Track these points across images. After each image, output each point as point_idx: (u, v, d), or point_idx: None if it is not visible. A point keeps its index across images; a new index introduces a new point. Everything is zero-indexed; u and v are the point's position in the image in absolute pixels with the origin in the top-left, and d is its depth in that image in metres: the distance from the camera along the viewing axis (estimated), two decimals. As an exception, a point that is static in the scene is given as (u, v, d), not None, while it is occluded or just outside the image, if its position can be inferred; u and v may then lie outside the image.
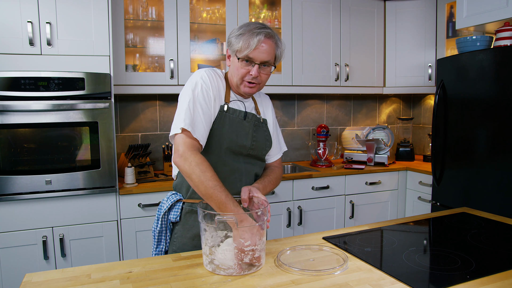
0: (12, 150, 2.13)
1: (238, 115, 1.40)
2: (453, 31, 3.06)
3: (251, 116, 1.43)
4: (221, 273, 1.13)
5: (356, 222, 3.03)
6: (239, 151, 1.41)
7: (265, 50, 1.32)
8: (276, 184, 1.52)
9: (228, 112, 1.38)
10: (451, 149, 2.61)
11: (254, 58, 1.32)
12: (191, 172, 1.22)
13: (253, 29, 1.32)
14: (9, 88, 2.09)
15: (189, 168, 1.22)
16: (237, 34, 1.33)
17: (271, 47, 1.33)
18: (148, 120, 2.99)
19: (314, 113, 3.56)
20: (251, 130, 1.43)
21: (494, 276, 1.10)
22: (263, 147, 1.48)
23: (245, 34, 1.31)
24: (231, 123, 1.38)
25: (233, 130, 1.38)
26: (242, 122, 1.40)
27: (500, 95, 2.26)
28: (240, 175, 1.42)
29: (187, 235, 1.43)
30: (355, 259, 1.24)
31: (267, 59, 1.34)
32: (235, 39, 1.33)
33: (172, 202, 1.44)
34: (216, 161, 1.37)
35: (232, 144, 1.38)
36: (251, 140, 1.42)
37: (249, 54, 1.32)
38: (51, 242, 2.24)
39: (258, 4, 3.10)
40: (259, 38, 1.30)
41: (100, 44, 2.28)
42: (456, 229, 1.55)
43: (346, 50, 3.22)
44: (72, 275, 1.12)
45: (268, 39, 1.32)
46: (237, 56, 1.34)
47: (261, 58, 1.33)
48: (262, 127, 1.49)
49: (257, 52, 1.31)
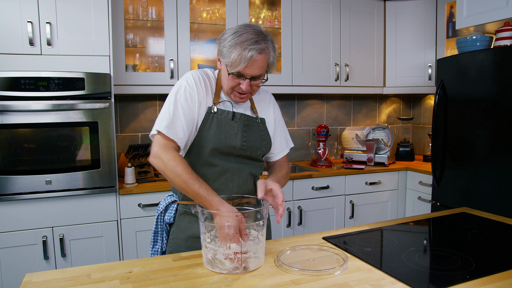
0: (12, 150, 2.13)
1: (226, 116, 1.38)
2: (453, 31, 3.06)
3: (239, 116, 1.40)
4: (216, 270, 1.13)
5: (356, 222, 3.03)
6: (229, 152, 1.39)
7: (257, 66, 1.26)
8: (287, 180, 1.52)
9: (217, 113, 1.37)
10: (451, 149, 2.61)
11: (245, 74, 1.28)
12: (164, 168, 1.25)
13: (245, 44, 1.23)
14: (9, 88, 2.09)
15: (162, 165, 1.25)
16: (229, 45, 1.25)
17: (263, 61, 1.27)
18: (148, 120, 2.99)
19: (314, 113, 3.56)
20: (241, 130, 1.40)
21: (494, 276, 1.10)
22: (258, 147, 1.45)
23: (237, 48, 1.23)
24: (219, 124, 1.37)
25: (221, 131, 1.37)
26: (230, 122, 1.38)
27: (500, 95, 2.26)
28: (232, 176, 1.41)
29: (181, 237, 1.43)
30: (355, 259, 1.24)
31: (259, 73, 1.29)
32: (226, 51, 1.26)
33: (167, 203, 1.45)
34: (204, 162, 1.37)
35: (220, 145, 1.37)
36: (241, 140, 1.40)
37: (241, 71, 1.26)
38: (51, 242, 2.24)
39: (258, 4, 3.10)
40: (251, 55, 1.23)
41: (100, 44, 2.28)
42: (456, 229, 1.55)
43: (346, 50, 3.22)
44: (72, 275, 1.12)
45: (261, 54, 1.25)
46: (228, 70, 1.29)
47: (253, 73, 1.28)
48: (257, 126, 1.46)
49: (248, 69, 1.26)
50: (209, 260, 1.16)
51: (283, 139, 1.59)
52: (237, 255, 1.13)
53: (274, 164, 1.59)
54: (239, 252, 1.13)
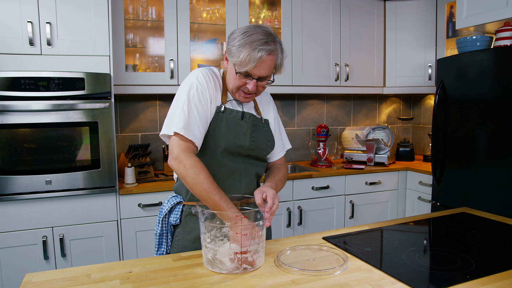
0: (12, 150, 2.13)
1: (235, 115, 1.38)
2: (453, 31, 3.06)
3: (248, 115, 1.41)
4: (216, 270, 1.13)
5: (356, 222, 3.03)
6: (238, 152, 1.40)
7: (266, 66, 1.27)
8: (284, 183, 1.52)
9: (225, 113, 1.37)
10: (451, 149, 2.61)
11: (253, 74, 1.28)
12: (185, 174, 1.24)
13: (255, 44, 1.23)
14: (9, 88, 2.09)
15: (184, 170, 1.24)
16: (238, 44, 1.25)
17: (272, 62, 1.28)
18: (148, 120, 2.99)
19: (314, 113, 3.56)
20: (249, 130, 1.41)
21: (494, 276, 1.10)
22: (264, 147, 1.46)
23: (246, 48, 1.23)
24: (228, 124, 1.37)
25: (230, 131, 1.37)
26: (239, 122, 1.39)
27: (500, 95, 2.26)
28: (240, 176, 1.41)
29: (188, 238, 1.42)
30: (355, 259, 1.24)
31: (266, 74, 1.30)
32: (236, 50, 1.26)
33: (172, 204, 1.43)
34: (213, 163, 1.37)
35: (229, 145, 1.37)
36: (249, 140, 1.40)
37: (249, 70, 1.27)
38: (51, 242, 2.24)
39: (258, 4, 3.10)
40: (260, 55, 1.23)
41: (100, 44, 2.28)
42: (456, 229, 1.55)
43: (346, 50, 3.22)
44: (72, 275, 1.12)
45: (270, 55, 1.25)
46: (235, 69, 1.29)
47: (260, 74, 1.28)
48: (263, 127, 1.47)
49: (256, 70, 1.27)
50: (209, 260, 1.16)
51: (280, 141, 1.59)
52: (237, 255, 1.13)
53: (272, 166, 1.58)
54: (239, 252, 1.13)
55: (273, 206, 1.24)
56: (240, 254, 1.13)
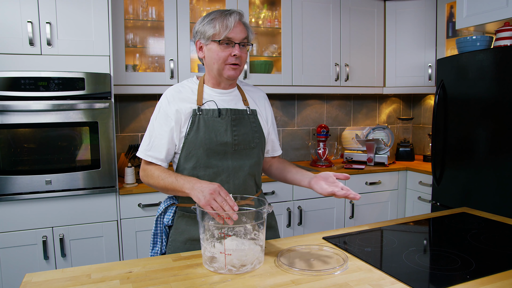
0: (12, 150, 2.13)
1: (212, 114, 1.40)
2: (453, 31, 3.06)
3: (225, 111, 1.41)
4: (210, 269, 1.14)
5: (356, 222, 3.03)
6: (224, 150, 1.39)
7: (241, 29, 1.37)
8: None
9: (202, 113, 1.39)
10: (451, 149, 2.61)
11: (233, 38, 1.35)
12: (148, 181, 1.40)
13: (222, 14, 1.35)
14: (9, 88, 2.09)
15: (146, 180, 1.40)
16: (208, 20, 1.36)
17: (243, 25, 1.38)
18: (148, 120, 2.97)
19: (314, 113, 3.56)
20: (230, 125, 1.40)
21: (494, 276, 1.10)
22: (250, 139, 1.44)
23: (218, 18, 1.34)
24: (207, 124, 1.38)
25: (210, 130, 1.38)
26: (217, 119, 1.39)
27: (500, 95, 2.26)
28: (227, 177, 1.40)
29: (180, 239, 1.43)
30: (355, 259, 1.24)
31: (244, 36, 1.37)
32: (207, 26, 1.35)
33: (166, 205, 1.46)
34: (197, 165, 1.38)
35: (212, 144, 1.37)
36: (231, 135, 1.40)
37: (228, 35, 1.34)
38: (51, 242, 2.24)
39: (258, 4, 3.10)
40: (234, 17, 1.34)
41: (100, 44, 2.28)
42: (456, 229, 1.55)
43: (346, 50, 3.22)
44: (72, 275, 1.12)
45: (238, 16, 1.37)
46: (216, 39, 1.35)
47: (240, 37, 1.36)
48: (248, 118, 1.45)
49: (235, 32, 1.35)
50: (206, 259, 1.16)
51: (275, 140, 1.63)
52: (221, 254, 1.13)
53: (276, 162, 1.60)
54: (222, 252, 1.13)
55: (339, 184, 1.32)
56: (224, 254, 1.12)
